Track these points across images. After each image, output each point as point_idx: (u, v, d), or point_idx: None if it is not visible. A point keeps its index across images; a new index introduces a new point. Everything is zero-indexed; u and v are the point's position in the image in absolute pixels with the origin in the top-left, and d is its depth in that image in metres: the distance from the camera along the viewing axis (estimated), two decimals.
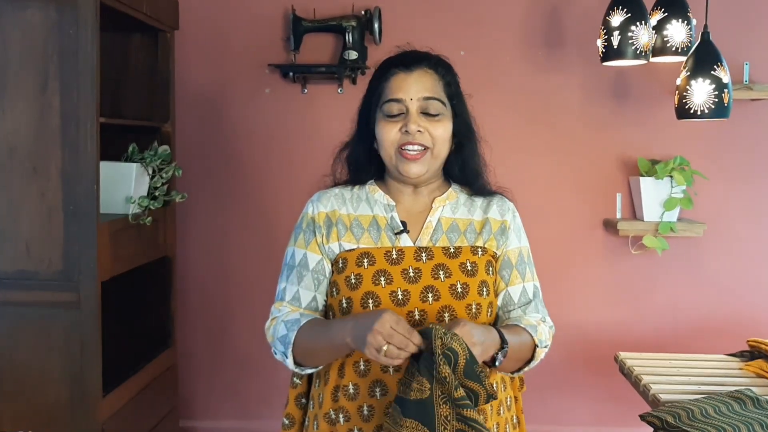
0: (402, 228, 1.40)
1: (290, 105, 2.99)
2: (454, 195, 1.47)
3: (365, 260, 1.36)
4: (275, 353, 1.39)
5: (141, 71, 2.70)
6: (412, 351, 1.19)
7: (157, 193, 2.49)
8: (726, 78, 2.41)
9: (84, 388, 2.11)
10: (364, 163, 1.47)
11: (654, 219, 2.83)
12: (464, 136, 1.47)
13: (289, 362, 1.35)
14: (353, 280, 1.35)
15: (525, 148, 2.98)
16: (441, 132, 1.39)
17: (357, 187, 1.48)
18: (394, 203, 1.44)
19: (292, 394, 1.48)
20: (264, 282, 3.02)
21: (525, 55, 2.96)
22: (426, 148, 1.38)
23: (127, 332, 2.63)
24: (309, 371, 1.40)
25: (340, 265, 1.38)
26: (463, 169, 1.48)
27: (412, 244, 1.39)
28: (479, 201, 1.49)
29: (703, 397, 1.88)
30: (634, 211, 2.96)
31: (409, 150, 1.37)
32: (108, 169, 2.27)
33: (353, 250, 1.38)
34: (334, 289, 1.39)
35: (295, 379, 1.47)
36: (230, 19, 2.99)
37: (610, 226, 2.95)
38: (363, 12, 2.88)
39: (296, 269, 1.42)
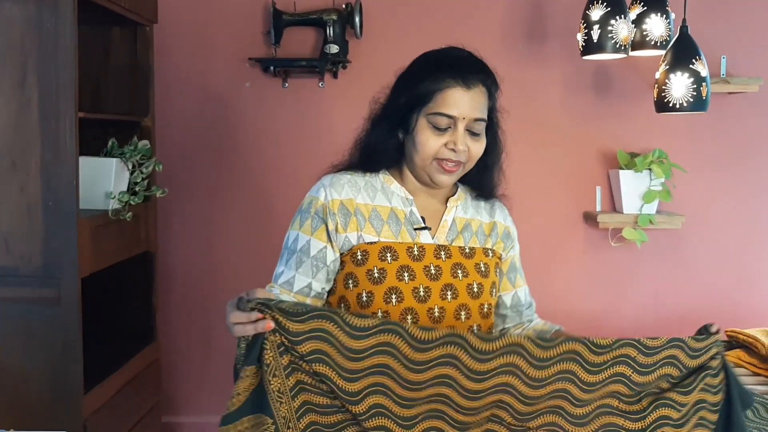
0: (423, 225, 1.42)
1: (271, 99, 2.98)
2: (463, 196, 1.51)
3: (388, 255, 1.37)
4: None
5: (120, 65, 2.67)
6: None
7: (137, 189, 2.47)
8: (704, 71, 2.44)
9: (66, 385, 2.09)
10: (382, 151, 1.44)
11: (633, 211, 2.86)
12: (492, 150, 1.49)
13: None
14: (376, 275, 1.35)
15: (505, 141, 2.99)
16: (478, 150, 1.42)
17: (369, 174, 1.45)
18: (412, 198, 1.44)
19: None
20: (246, 275, 3.01)
21: (506, 49, 2.97)
22: (460, 164, 1.41)
23: (108, 328, 2.61)
24: None
25: (359, 257, 1.37)
26: (483, 178, 1.50)
27: (431, 241, 1.41)
28: (482, 203, 1.53)
29: None
30: (613, 204, 2.99)
31: (449, 165, 1.39)
32: (88, 164, 2.25)
33: (375, 243, 1.37)
34: (350, 281, 1.38)
35: None
36: (210, 13, 2.97)
37: (590, 218, 2.97)
38: (344, 6, 2.87)
39: (296, 254, 1.39)
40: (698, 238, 3.00)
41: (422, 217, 1.43)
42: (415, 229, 1.41)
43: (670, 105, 2.46)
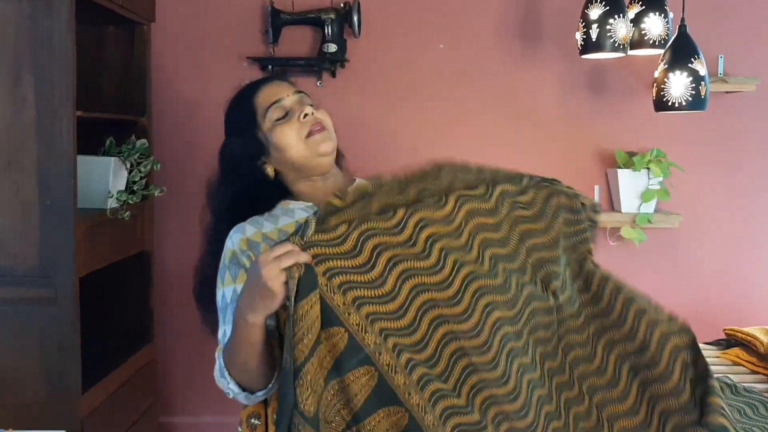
0: None
1: None
2: (363, 184, 1.47)
3: None
4: (228, 393, 1.33)
5: (117, 64, 2.66)
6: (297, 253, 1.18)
7: (135, 188, 2.46)
8: (703, 70, 2.44)
9: (63, 385, 2.09)
10: (263, 196, 1.45)
11: (631, 211, 2.86)
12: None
13: (235, 389, 1.29)
14: None
15: (503, 140, 2.99)
16: (325, 115, 1.46)
17: (267, 213, 1.44)
18: (311, 203, 1.43)
19: None
20: None
21: (503, 48, 2.97)
22: (322, 126, 1.43)
23: (105, 328, 2.60)
24: (259, 395, 1.31)
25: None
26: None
27: None
28: None
29: None
30: (611, 203, 2.99)
31: (315, 129, 1.41)
32: (85, 163, 2.24)
33: None
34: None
35: (253, 420, 1.41)
36: (207, 12, 2.95)
37: None
38: (342, 4, 2.87)
39: (229, 307, 1.35)
40: (696, 237, 3.00)
41: None
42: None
43: (669, 104, 2.46)
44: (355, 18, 2.84)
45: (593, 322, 1.36)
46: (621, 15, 2.44)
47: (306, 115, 1.41)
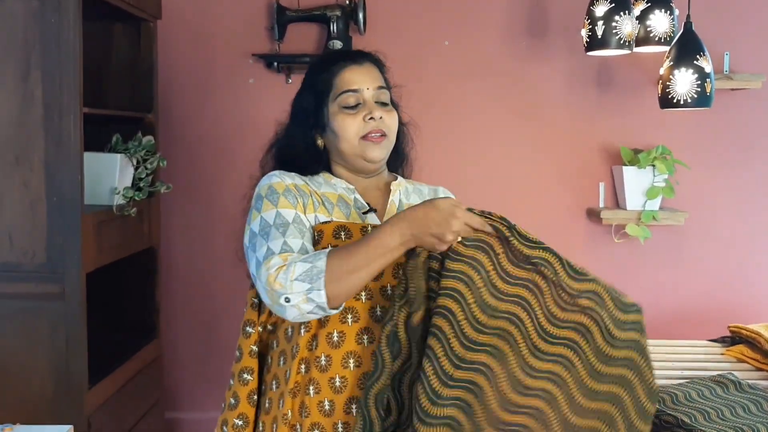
0: (369, 207, 1.44)
1: (274, 95, 2.98)
2: (403, 183, 1.53)
3: (342, 233, 1.36)
4: (287, 301, 1.23)
5: (124, 61, 2.67)
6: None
7: (141, 184, 2.47)
8: (708, 68, 2.44)
9: (69, 380, 2.10)
10: (309, 159, 1.47)
11: (636, 208, 2.86)
12: (402, 126, 1.55)
13: (321, 297, 1.22)
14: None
15: (508, 137, 3.00)
16: (393, 119, 1.46)
17: (308, 176, 1.47)
18: (353, 186, 1.46)
19: (243, 391, 1.40)
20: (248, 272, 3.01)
21: (509, 45, 2.97)
22: (384, 134, 1.43)
23: (112, 324, 2.61)
24: (332, 311, 1.27)
25: (316, 237, 1.36)
26: (398, 155, 1.56)
27: (380, 222, 1.40)
28: (426, 189, 1.57)
29: (687, 382, 1.91)
30: (617, 200, 2.99)
31: (374, 136, 1.42)
32: (92, 159, 2.25)
33: (328, 222, 1.38)
34: None
35: (245, 375, 1.41)
36: (213, 9, 2.96)
37: (593, 214, 2.97)
38: (347, 1, 2.87)
39: (272, 228, 1.32)
40: (701, 234, 3.00)
41: (367, 203, 1.45)
42: (363, 213, 1.42)
43: (674, 101, 2.46)
44: (361, 15, 2.84)
45: None
46: (627, 12, 2.43)
47: (372, 118, 1.42)
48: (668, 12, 2.56)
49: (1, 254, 2.09)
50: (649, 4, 2.57)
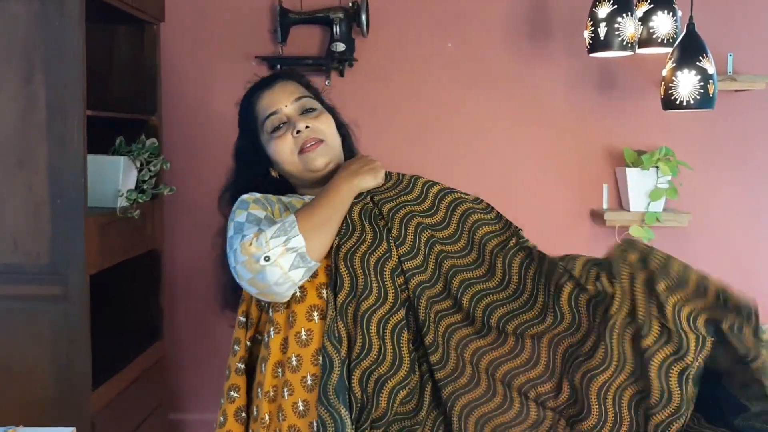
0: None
1: None
2: None
3: None
4: (267, 260, 1.26)
5: (127, 63, 2.68)
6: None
7: (145, 187, 2.48)
8: (711, 69, 2.43)
9: (73, 382, 2.10)
10: (274, 190, 1.48)
11: (640, 209, 2.86)
12: (343, 128, 1.56)
13: (299, 241, 1.27)
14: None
15: (512, 138, 2.99)
16: (324, 122, 1.47)
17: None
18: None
19: (230, 408, 1.41)
20: None
21: (512, 47, 2.97)
22: (319, 141, 1.44)
23: (115, 326, 2.62)
24: (314, 263, 1.31)
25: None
26: (352, 154, 1.57)
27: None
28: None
29: None
30: (620, 202, 2.98)
31: (307, 146, 1.43)
32: (95, 162, 2.25)
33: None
34: None
35: (232, 393, 1.42)
36: (217, 11, 2.97)
37: (596, 216, 2.97)
38: (350, 4, 2.87)
39: (245, 224, 1.34)
40: (705, 236, 2.99)
41: None
42: None
43: (677, 102, 2.45)
44: (364, 17, 2.84)
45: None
46: (629, 13, 2.43)
47: (299, 131, 1.44)
48: (671, 13, 2.56)
49: (5, 256, 2.10)
50: (652, 6, 2.57)
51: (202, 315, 3.07)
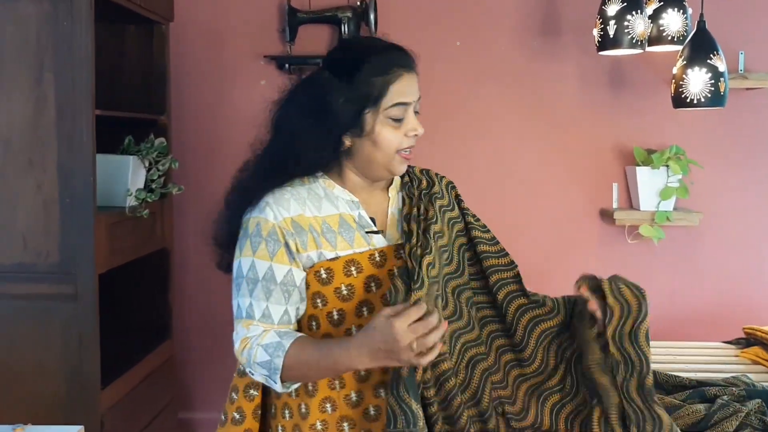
0: (374, 229, 1.36)
1: None
2: (397, 186, 1.45)
3: (353, 268, 1.31)
4: (252, 374, 1.29)
5: (136, 63, 2.69)
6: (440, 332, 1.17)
7: (153, 186, 2.49)
8: (722, 67, 2.41)
9: (83, 380, 2.11)
10: (320, 159, 1.34)
11: (650, 208, 2.84)
12: None
13: (276, 386, 1.27)
14: (344, 291, 1.30)
15: (521, 137, 2.98)
16: (422, 129, 1.37)
17: (308, 180, 1.36)
18: (357, 200, 1.37)
19: (248, 407, 1.40)
20: None
21: (521, 45, 2.96)
22: (411, 152, 1.37)
23: (125, 325, 2.63)
24: (293, 387, 1.31)
25: (324, 275, 1.30)
26: None
27: (386, 243, 1.36)
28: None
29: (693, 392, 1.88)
30: (630, 201, 2.97)
31: (408, 153, 1.35)
32: (104, 161, 2.26)
33: (336, 259, 1.30)
34: (318, 301, 1.31)
35: (252, 390, 1.39)
36: (225, 11, 2.98)
37: (606, 215, 2.95)
38: (359, 2, 2.87)
39: (260, 283, 1.29)
40: (716, 235, 2.98)
41: (372, 218, 1.37)
42: (367, 232, 1.35)
43: (688, 100, 2.44)
44: (372, 16, 2.84)
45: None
46: (639, 11, 2.42)
47: (415, 135, 1.34)
48: (681, 11, 2.54)
49: (15, 255, 2.11)
50: (662, 3, 2.55)
51: (211, 314, 3.08)
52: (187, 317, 3.05)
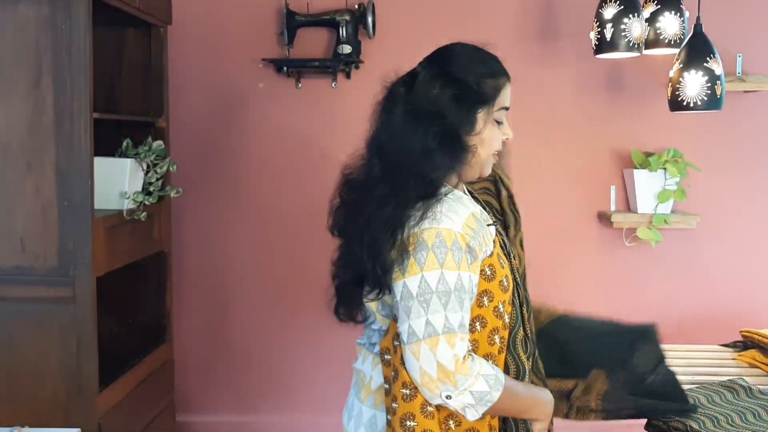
0: (492, 221, 1.42)
1: (284, 99, 2.99)
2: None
3: (501, 260, 1.38)
4: (449, 397, 1.25)
5: (134, 66, 2.69)
6: None
7: (151, 189, 2.49)
8: (719, 70, 2.42)
9: (80, 383, 2.11)
10: (454, 166, 1.36)
11: (648, 211, 2.85)
12: None
13: (473, 416, 1.27)
14: (505, 283, 1.36)
15: (519, 140, 2.97)
16: None
17: (444, 186, 1.37)
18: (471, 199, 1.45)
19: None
20: (259, 275, 3.03)
21: (519, 48, 2.96)
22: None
23: (123, 327, 2.64)
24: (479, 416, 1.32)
25: (488, 272, 1.33)
26: None
27: (498, 233, 1.43)
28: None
29: (697, 387, 1.90)
30: (628, 204, 2.97)
31: (496, 154, 1.44)
32: (102, 164, 2.26)
33: (490, 255, 1.35)
34: (485, 299, 1.33)
35: (386, 356, 1.36)
36: (224, 14, 2.98)
37: (604, 218, 2.96)
38: (357, 6, 2.88)
39: (453, 294, 1.27)
40: (713, 238, 2.98)
41: (489, 213, 1.47)
42: (487, 225, 1.39)
43: (684, 104, 2.44)
44: (370, 19, 2.85)
45: None
46: (636, 14, 2.42)
47: (508, 138, 1.45)
48: (678, 14, 2.55)
49: (13, 258, 2.11)
50: (659, 6, 2.56)
51: (210, 316, 3.08)
52: (185, 320, 3.06)
